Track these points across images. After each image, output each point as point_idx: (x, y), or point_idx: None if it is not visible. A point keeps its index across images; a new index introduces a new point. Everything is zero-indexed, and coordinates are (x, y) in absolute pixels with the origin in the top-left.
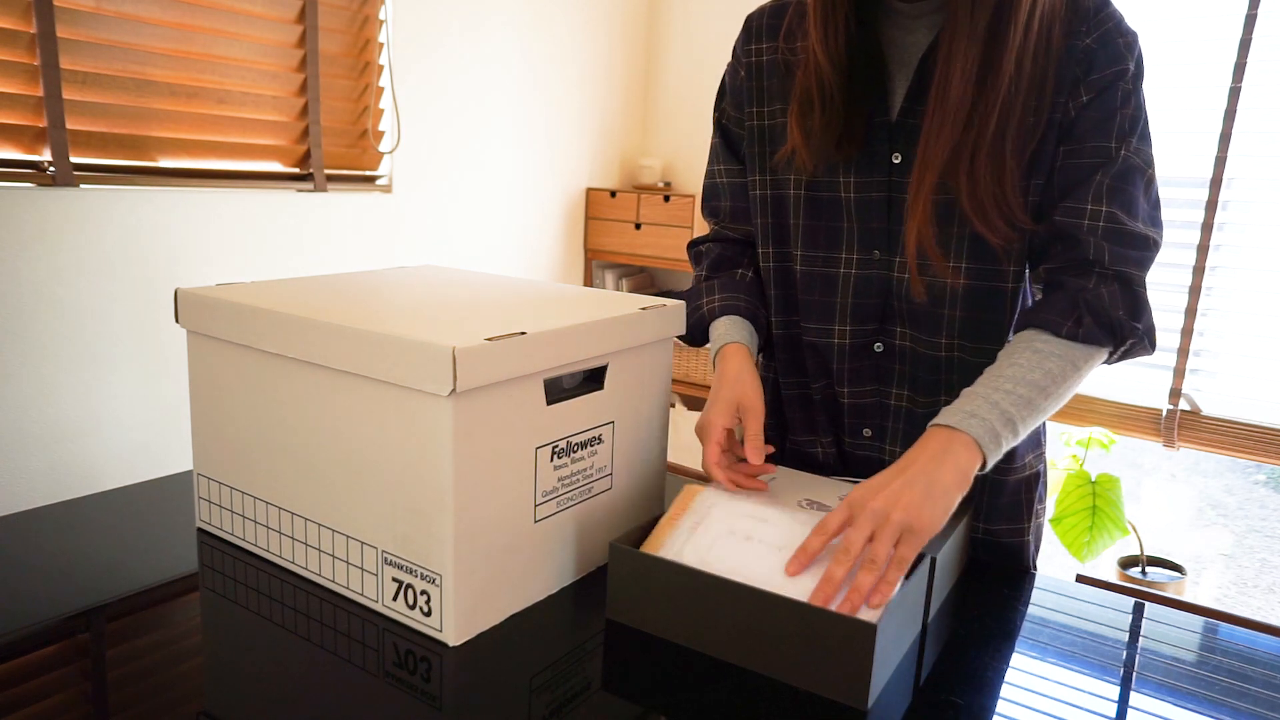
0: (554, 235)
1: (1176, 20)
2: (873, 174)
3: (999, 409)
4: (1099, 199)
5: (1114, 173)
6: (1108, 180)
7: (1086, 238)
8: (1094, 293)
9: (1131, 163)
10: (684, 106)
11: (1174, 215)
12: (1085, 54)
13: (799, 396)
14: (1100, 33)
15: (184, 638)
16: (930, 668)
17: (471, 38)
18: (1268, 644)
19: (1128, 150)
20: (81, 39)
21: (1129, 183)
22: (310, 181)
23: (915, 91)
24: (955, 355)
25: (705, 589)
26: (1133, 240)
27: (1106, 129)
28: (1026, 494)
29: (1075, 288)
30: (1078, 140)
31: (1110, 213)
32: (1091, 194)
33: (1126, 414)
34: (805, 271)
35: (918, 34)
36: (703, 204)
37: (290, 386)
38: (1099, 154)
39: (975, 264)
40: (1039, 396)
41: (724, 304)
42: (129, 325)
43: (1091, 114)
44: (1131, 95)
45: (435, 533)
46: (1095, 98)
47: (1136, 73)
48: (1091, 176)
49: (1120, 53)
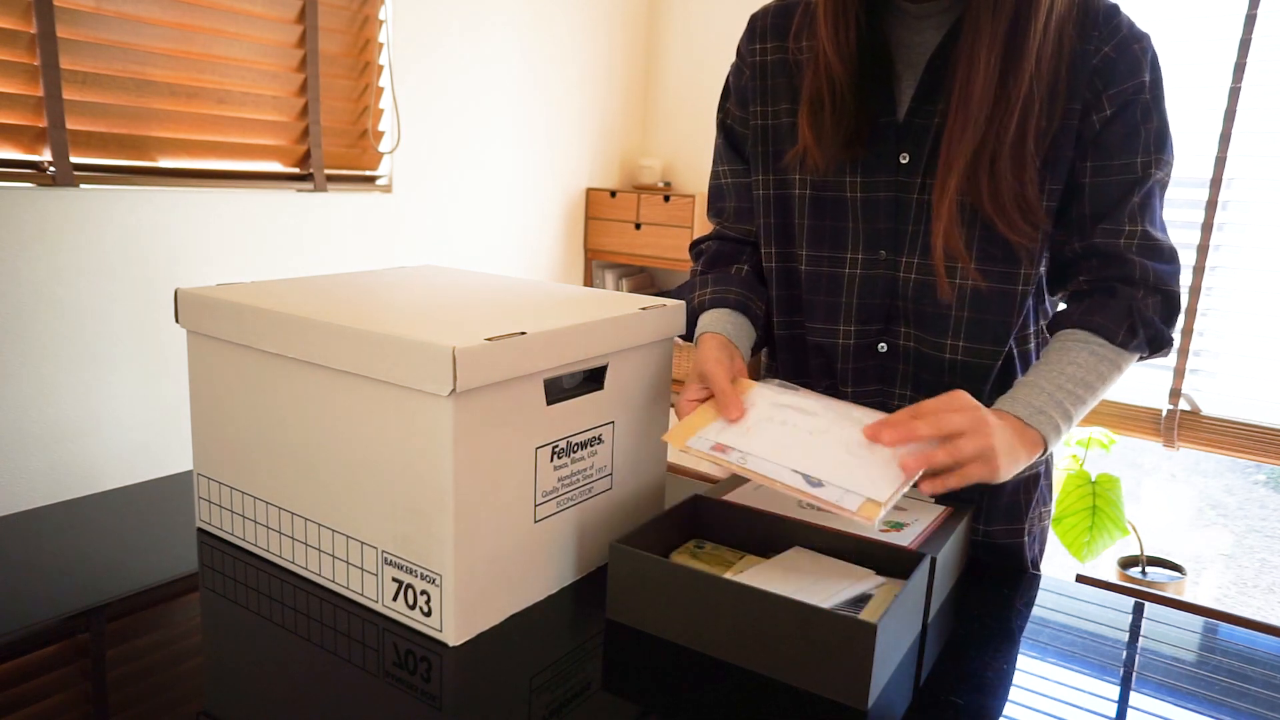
0: (554, 235)
1: (1176, 20)
2: (879, 174)
3: (1062, 408)
4: (1134, 220)
5: (1143, 191)
6: (1138, 199)
7: (1128, 256)
8: (1143, 303)
9: (1156, 179)
10: (684, 106)
11: (1174, 215)
12: (1104, 63)
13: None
14: (1116, 40)
15: (184, 638)
16: (930, 668)
17: (471, 37)
18: (1268, 644)
19: (1155, 167)
20: (81, 39)
21: (1154, 197)
22: (310, 181)
23: (923, 92)
24: (959, 358)
25: (705, 589)
26: (1165, 255)
27: (1132, 146)
28: (1025, 495)
29: (1128, 296)
30: (1105, 158)
31: (1145, 231)
32: (1127, 215)
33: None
34: (810, 271)
35: (925, 34)
36: (708, 206)
37: (290, 386)
38: (1127, 171)
39: (987, 266)
40: (1089, 397)
41: (713, 297)
42: (129, 325)
43: (1116, 129)
44: (1153, 108)
45: (435, 533)
46: (1118, 113)
47: (1154, 80)
48: (1126, 198)
49: (1138, 62)
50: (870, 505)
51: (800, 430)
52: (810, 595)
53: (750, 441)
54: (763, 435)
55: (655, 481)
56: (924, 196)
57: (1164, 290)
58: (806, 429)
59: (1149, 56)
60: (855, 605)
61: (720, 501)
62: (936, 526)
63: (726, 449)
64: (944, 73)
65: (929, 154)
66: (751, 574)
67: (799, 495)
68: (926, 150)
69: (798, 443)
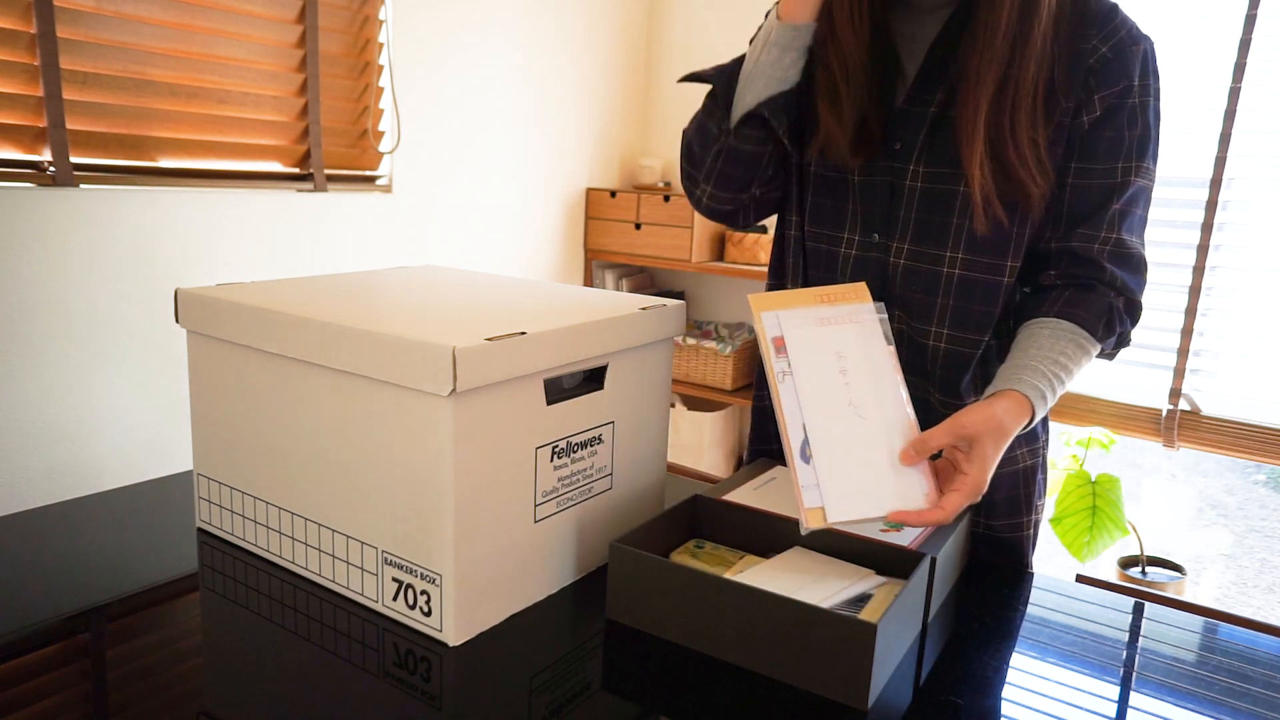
0: (554, 235)
1: (1176, 20)
2: (876, 158)
3: (1052, 388)
4: (1111, 226)
5: (1124, 199)
6: (1118, 206)
7: (1100, 261)
8: (1115, 303)
9: (1138, 185)
10: (684, 106)
11: (1174, 215)
12: (1099, 63)
13: None
14: (1114, 42)
15: (184, 638)
16: (930, 668)
17: (472, 38)
18: (1268, 644)
19: (1136, 174)
20: (81, 39)
21: (1135, 204)
22: (310, 181)
23: (921, 81)
24: (944, 345)
25: (705, 589)
26: (1134, 264)
27: (1116, 152)
28: (1025, 488)
29: (1105, 295)
30: (1089, 160)
31: (1119, 239)
32: (1105, 222)
33: (1126, 414)
34: (812, 248)
35: (926, 27)
36: None
37: (290, 386)
38: (1108, 176)
39: (974, 255)
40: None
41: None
42: (129, 325)
43: (1103, 133)
44: (1140, 114)
45: (435, 533)
46: (1107, 116)
47: (1147, 85)
48: (1106, 204)
49: (1133, 65)
50: (818, 515)
51: (842, 398)
52: (810, 595)
53: (801, 368)
54: (815, 372)
55: (655, 481)
56: (916, 183)
57: (1131, 297)
58: (847, 401)
59: (1146, 61)
60: (855, 605)
61: (720, 501)
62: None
63: (781, 352)
64: (944, 63)
65: (923, 143)
66: (751, 574)
67: (786, 451)
68: (921, 139)
69: (831, 405)
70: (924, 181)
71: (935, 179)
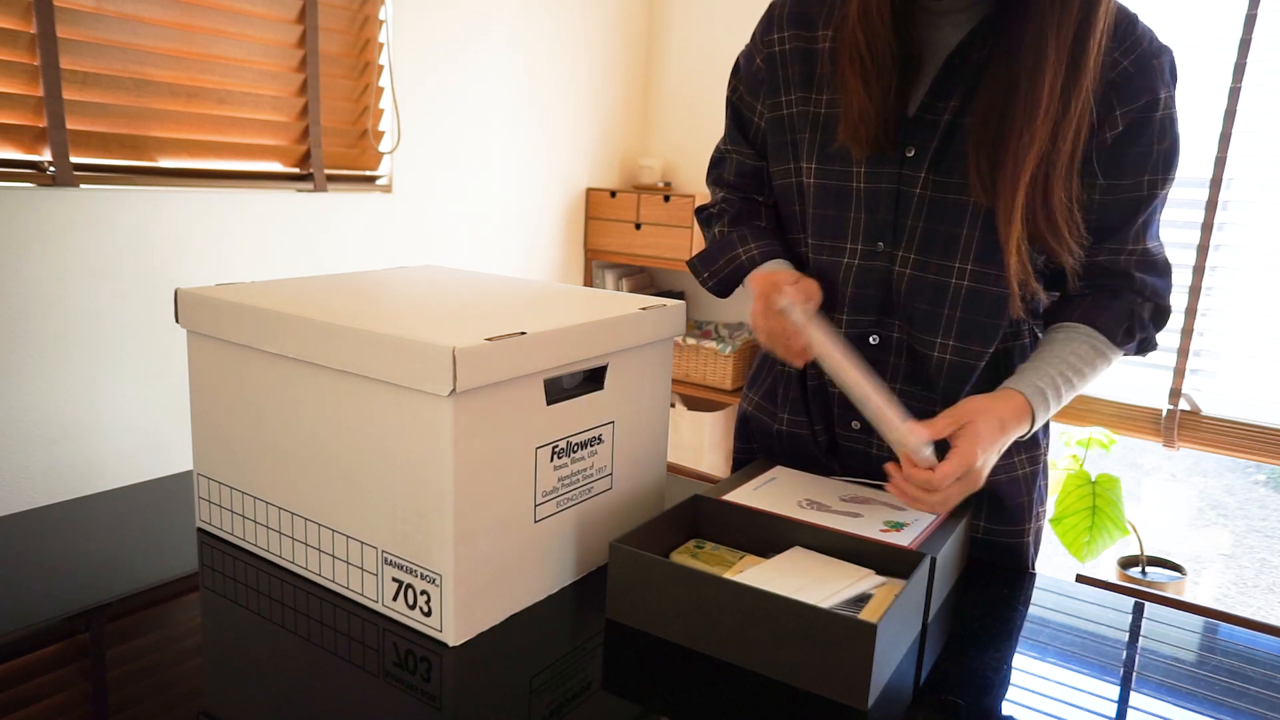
0: (554, 235)
1: (1176, 20)
2: (884, 166)
3: (1055, 388)
4: (1138, 239)
5: (1149, 210)
6: (1143, 218)
7: (1129, 271)
8: (1141, 309)
9: (1161, 196)
10: (684, 106)
11: (1174, 215)
12: (1121, 77)
13: (797, 375)
14: (1136, 55)
15: (184, 637)
16: (930, 668)
17: (471, 38)
18: (1268, 644)
19: (1162, 186)
20: (81, 39)
21: (1156, 211)
22: (310, 181)
23: (937, 89)
24: (948, 356)
25: (705, 589)
26: (1160, 269)
27: (1142, 167)
28: (1027, 494)
29: (1129, 300)
30: (1115, 176)
31: (1145, 249)
32: (1131, 235)
33: (1126, 414)
34: (814, 260)
35: (944, 31)
36: (708, 172)
37: (290, 386)
38: (1135, 190)
39: (985, 268)
40: (1080, 383)
41: (763, 251)
42: (129, 325)
43: (1129, 148)
44: (1169, 125)
45: (435, 533)
46: (1130, 131)
47: (1170, 96)
48: (1133, 218)
49: (1156, 78)
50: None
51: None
52: (810, 595)
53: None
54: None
55: (655, 481)
56: (926, 192)
57: (1157, 303)
58: None
59: (1168, 73)
60: (855, 605)
61: (720, 501)
62: (936, 526)
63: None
64: (961, 72)
65: (935, 150)
66: (751, 574)
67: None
68: (934, 146)
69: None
70: (933, 190)
71: (945, 189)
